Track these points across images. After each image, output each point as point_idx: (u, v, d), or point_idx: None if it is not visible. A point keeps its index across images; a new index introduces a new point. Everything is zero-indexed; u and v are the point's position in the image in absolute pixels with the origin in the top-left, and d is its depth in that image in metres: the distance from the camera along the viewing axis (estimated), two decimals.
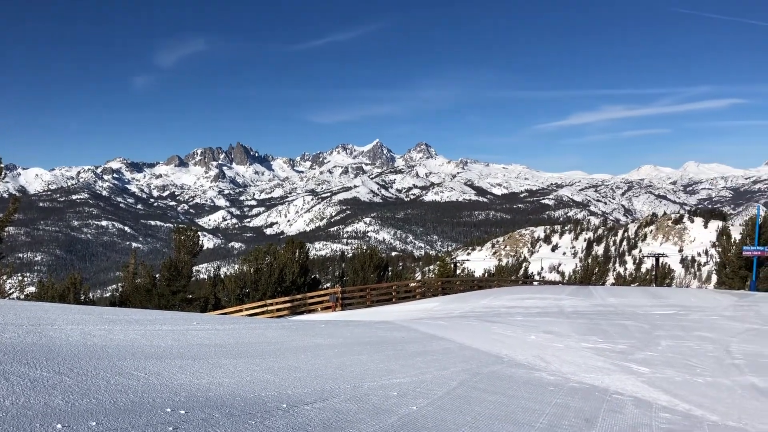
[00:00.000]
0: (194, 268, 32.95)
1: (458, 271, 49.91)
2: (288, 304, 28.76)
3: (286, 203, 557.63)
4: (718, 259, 38.33)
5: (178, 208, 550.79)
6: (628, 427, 5.65)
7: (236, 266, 36.26)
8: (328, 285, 43.48)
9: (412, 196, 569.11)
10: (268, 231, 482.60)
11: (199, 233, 34.62)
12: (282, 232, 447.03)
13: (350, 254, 47.40)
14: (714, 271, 43.11)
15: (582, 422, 5.66)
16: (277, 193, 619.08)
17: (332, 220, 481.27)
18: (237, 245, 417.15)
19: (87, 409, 3.84)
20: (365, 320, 15.92)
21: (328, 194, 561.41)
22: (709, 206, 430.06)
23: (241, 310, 28.61)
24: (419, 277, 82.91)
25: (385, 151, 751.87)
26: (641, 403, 6.75)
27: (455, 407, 5.78)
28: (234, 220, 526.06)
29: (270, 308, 28.49)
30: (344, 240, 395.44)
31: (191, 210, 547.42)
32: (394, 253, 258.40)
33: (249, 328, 9.80)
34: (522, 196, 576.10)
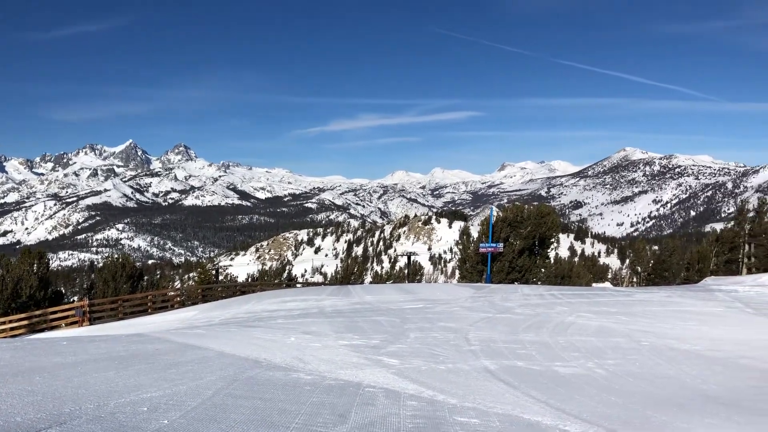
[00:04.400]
0: None
1: (221, 278, 48.80)
2: (25, 322, 25.71)
3: (24, 209, 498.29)
4: (459, 256, 42.23)
5: None
6: (379, 418, 5.94)
7: None
8: (75, 298, 39.74)
9: (170, 201, 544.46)
10: (2, 240, 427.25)
11: None
12: (18, 242, 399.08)
13: (100, 264, 43.80)
14: (457, 267, 47.43)
15: (336, 418, 5.83)
16: (12, 197, 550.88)
17: (79, 227, 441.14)
18: None
19: None
20: (116, 334, 14.82)
21: (74, 199, 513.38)
22: (453, 208, 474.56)
23: None
24: (178, 286, 79.35)
25: (139, 153, 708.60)
26: (391, 393, 7.15)
27: (210, 416, 5.61)
28: None
29: (3, 327, 25.22)
30: (94, 248, 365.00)
31: None
32: (151, 261, 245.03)
33: None
34: (286, 199, 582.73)
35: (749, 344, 12.59)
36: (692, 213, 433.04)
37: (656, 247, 71.06)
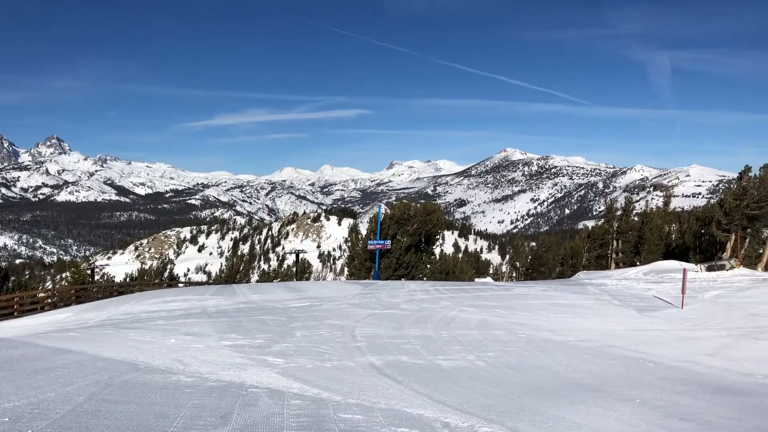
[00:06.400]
0: None
1: (97, 277, 46.30)
2: None
3: None
4: (348, 253, 42.44)
5: None
6: (262, 418, 5.86)
7: None
8: None
9: (41, 196, 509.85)
10: None
11: None
12: None
13: None
14: (346, 264, 47.65)
15: (217, 419, 5.70)
16: None
17: None
18: None
19: None
20: None
21: None
22: (342, 206, 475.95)
23: None
24: (50, 286, 74.59)
25: (6, 145, 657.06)
26: (275, 393, 7.07)
27: (80, 424, 5.31)
28: None
29: None
30: None
31: None
32: (18, 261, 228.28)
33: None
34: (167, 196, 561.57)
35: (615, 334, 13.54)
36: (567, 211, 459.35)
37: (534, 244, 74.84)
